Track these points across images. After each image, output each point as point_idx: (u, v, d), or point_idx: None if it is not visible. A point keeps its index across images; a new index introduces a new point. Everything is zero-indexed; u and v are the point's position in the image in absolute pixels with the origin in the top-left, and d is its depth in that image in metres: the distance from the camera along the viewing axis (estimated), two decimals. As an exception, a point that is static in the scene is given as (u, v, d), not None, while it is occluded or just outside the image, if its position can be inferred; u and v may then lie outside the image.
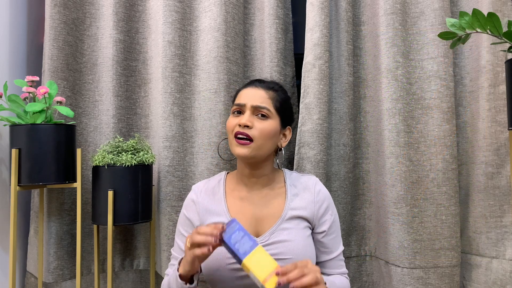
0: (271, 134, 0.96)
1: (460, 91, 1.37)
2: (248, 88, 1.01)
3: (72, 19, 1.36)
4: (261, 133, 0.94)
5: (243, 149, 0.94)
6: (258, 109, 0.96)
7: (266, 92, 0.99)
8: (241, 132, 0.94)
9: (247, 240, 0.78)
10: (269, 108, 0.97)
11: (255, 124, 0.95)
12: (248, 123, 0.94)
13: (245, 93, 1.00)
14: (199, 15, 1.38)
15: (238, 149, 0.94)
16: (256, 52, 1.44)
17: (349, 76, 1.39)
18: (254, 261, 0.76)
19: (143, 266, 1.42)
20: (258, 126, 0.95)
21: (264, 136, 0.95)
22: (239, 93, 1.03)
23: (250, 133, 0.93)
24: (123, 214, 1.19)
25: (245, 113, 0.96)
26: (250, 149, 0.94)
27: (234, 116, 0.99)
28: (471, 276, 1.31)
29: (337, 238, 1.01)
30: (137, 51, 1.43)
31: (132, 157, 1.20)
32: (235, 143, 0.95)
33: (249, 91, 0.99)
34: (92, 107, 1.40)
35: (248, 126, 0.94)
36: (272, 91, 1.00)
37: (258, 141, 0.94)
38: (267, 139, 0.96)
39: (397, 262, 1.27)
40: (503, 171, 1.24)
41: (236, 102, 1.00)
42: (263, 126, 0.95)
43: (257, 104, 0.96)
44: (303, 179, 1.05)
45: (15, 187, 1.12)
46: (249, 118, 0.95)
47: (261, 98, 0.97)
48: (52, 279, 1.30)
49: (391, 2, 1.30)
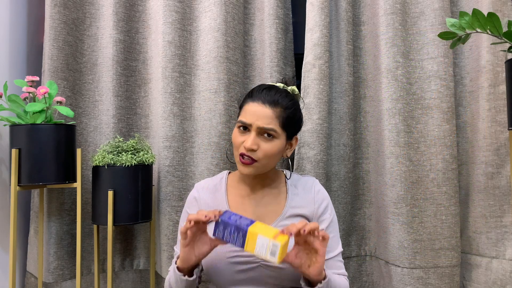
0: (276, 154, 0.96)
1: (460, 91, 1.37)
2: (255, 104, 0.96)
3: (72, 19, 1.36)
4: (266, 154, 0.94)
5: (248, 169, 0.95)
6: (264, 130, 0.94)
7: (273, 110, 0.95)
8: (246, 154, 0.94)
9: (245, 219, 0.81)
10: (276, 129, 0.95)
11: (260, 145, 0.94)
12: (254, 146, 0.93)
13: (251, 110, 0.96)
14: (199, 15, 1.38)
15: (242, 168, 0.95)
16: (256, 52, 1.44)
17: (349, 76, 1.39)
18: (258, 228, 0.78)
19: (143, 266, 1.42)
20: (263, 147, 0.94)
21: (269, 157, 0.95)
22: (245, 107, 0.98)
23: (254, 156, 0.94)
24: (123, 214, 1.19)
25: (251, 133, 0.94)
26: (254, 168, 0.95)
27: (240, 131, 0.97)
28: (471, 276, 1.31)
29: (335, 239, 1.01)
30: (137, 51, 1.43)
31: (132, 157, 1.20)
32: (240, 162, 0.95)
33: (256, 109, 0.95)
34: (92, 107, 1.40)
35: (253, 150, 0.94)
36: (279, 108, 0.96)
37: (262, 161, 0.95)
38: (272, 158, 0.96)
39: (397, 262, 1.27)
40: (503, 171, 1.24)
41: (242, 119, 0.96)
42: (268, 147, 0.94)
43: (263, 126, 0.94)
44: (303, 180, 1.07)
45: (15, 187, 1.12)
46: (254, 141, 0.93)
47: (268, 119, 0.94)
48: (52, 279, 1.30)
49: (391, 2, 1.30)
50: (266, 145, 0.94)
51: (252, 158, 0.93)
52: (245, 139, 0.94)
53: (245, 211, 1.00)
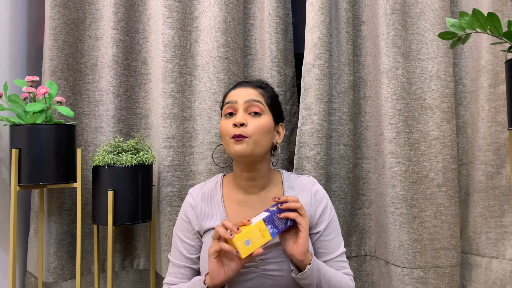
0: (266, 129, 0.96)
1: (460, 91, 1.37)
2: (237, 89, 1.01)
3: (72, 19, 1.36)
4: (256, 128, 0.94)
5: (241, 145, 0.92)
6: (252, 104, 0.96)
7: (255, 89, 1.00)
8: (237, 134, 0.93)
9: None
10: (262, 102, 0.97)
11: (249, 121, 0.94)
12: (243, 120, 0.93)
13: (234, 93, 1.00)
14: (199, 15, 1.38)
15: (236, 146, 0.93)
16: (256, 52, 1.44)
17: (349, 76, 1.39)
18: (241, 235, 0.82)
19: (143, 266, 1.42)
20: (253, 122, 0.94)
21: (260, 131, 0.94)
22: (228, 94, 1.02)
23: (245, 132, 0.93)
24: (123, 214, 1.19)
25: (238, 111, 0.96)
26: (247, 144, 0.93)
27: (227, 118, 0.98)
28: (471, 276, 1.31)
29: (336, 239, 1.00)
30: (137, 51, 1.43)
31: (132, 157, 1.20)
32: (233, 142, 0.93)
33: (239, 91, 1.00)
34: (92, 107, 1.40)
35: (243, 124, 0.93)
36: (261, 89, 1.01)
37: (254, 136, 0.93)
38: (263, 134, 0.95)
39: (397, 262, 1.27)
40: (503, 171, 1.24)
41: (227, 101, 0.99)
42: (257, 122, 0.95)
43: (250, 98, 0.96)
44: (300, 180, 1.05)
45: (15, 187, 1.12)
46: (243, 116, 0.95)
47: (253, 94, 0.98)
48: (52, 279, 1.30)
49: (391, 2, 1.30)
50: (255, 121, 0.95)
51: (243, 136, 0.93)
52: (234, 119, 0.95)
53: (243, 217, 0.98)
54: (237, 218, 0.97)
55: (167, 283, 1.00)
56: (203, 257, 0.96)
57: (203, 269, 0.95)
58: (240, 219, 0.97)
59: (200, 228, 0.99)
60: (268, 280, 0.92)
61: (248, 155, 0.93)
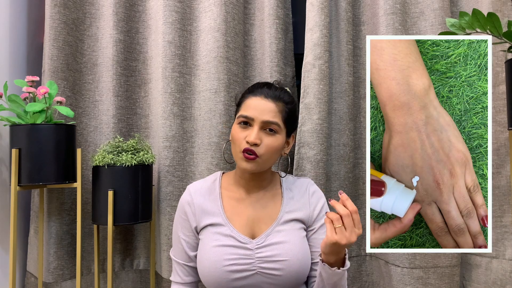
0: (278, 149, 0.96)
1: (460, 91, 1.37)
2: (257, 98, 0.95)
3: (72, 19, 1.36)
4: (268, 149, 0.93)
5: (249, 164, 0.92)
6: (268, 124, 0.93)
7: (275, 104, 0.95)
8: (249, 149, 0.92)
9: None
10: (279, 123, 0.94)
11: (263, 139, 0.93)
12: (257, 141, 0.91)
13: (253, 104, 0.95)
14: (199, 15, 1.38)
15: (244, 164, 0.93)
16: (256, 52, 1.44)
17: (349, 76, 1.39)
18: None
19: (143, 266, 1.42)
20: (266, 142, 0.93)
21: (271, 152, 0.94)
22: (246, 102, 0.97)
23: (257, 151, 0.92)
24: (123, 214, 1.19)
25: (254, 128, 0.93)
26: (256, 164, 0.93)
27: (241, 127, 0.95)
28: (471, 276, 1.31)
29: None
30: (137, 51, 1.43)
31: (132, 157, 1.20)
32: (242, 158, 0.93)
33: (258, 103, 0.94)
34: (92, 107, 1.40)
35: (256, 144, 0.92)
36: (282, 103, 0.96)
37: (264, 156, 0.93)
38: (273, 153, 0.95)
39: (397, 262, 1.27)
40: (503, 171, 1.24)
41: (244, 114, 0.95)
42: (270, 142, 0.93)
43: (268, 120, 0.93)
44: (298, 182, 1.06)
45: (15, 187, 1.12)
46: (257, 135, 0.92)
47: (271, 112, 0.94)
48: (52, 279, 1.30)
49: (391, 2, 1.30)
50: (268, 140, 0.93)
51: (255, 153, 0.92)
52: (247, 134, 0.93)
53: (240, 216, 0.98)
54: (235, 215, 0.98)
55: (175, 282, 1.02)
56: (201, 254, 0.97)
57: (201, 267, 0.95)
58: (238, 215, 0.98)
59: (197, 225, 0.99)
60: (265, 278, 0.92)
61: (254, 171, 0.95)
